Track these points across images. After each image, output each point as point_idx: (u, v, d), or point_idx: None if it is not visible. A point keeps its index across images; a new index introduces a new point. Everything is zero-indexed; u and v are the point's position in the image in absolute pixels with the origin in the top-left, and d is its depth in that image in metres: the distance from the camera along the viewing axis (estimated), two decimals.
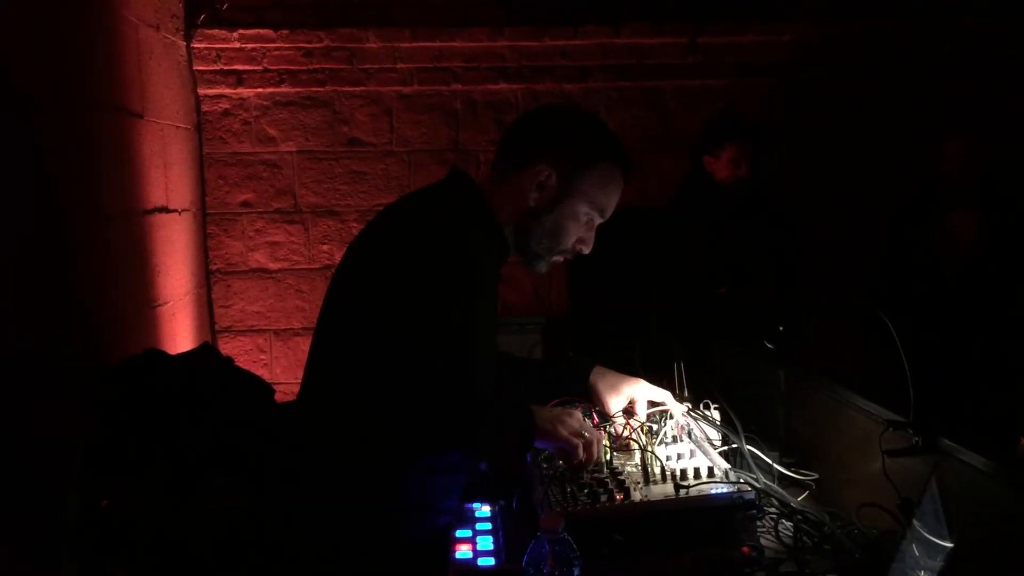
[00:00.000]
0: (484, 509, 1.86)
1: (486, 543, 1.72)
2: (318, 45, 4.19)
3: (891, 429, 1.70)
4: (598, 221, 1.90)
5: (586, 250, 1.92)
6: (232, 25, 4.12)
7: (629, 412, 2.05)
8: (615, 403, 2.06)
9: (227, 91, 4.24)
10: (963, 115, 4.06)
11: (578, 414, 1.83)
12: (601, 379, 2.10)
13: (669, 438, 1.92)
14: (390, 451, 1.72)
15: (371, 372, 1.69)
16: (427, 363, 1.67)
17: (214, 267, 4.33)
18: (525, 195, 1.84)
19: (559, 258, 1.92)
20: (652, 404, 2.06)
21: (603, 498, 1.66)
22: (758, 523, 1.71)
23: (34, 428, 2.35)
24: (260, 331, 4.38)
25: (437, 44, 4.23)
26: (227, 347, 4.30)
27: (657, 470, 1.77)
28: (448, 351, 1.68)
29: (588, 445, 1.75)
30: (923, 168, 3.76)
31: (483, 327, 1.81)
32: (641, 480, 1.74)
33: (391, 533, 1.78)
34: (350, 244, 1.88)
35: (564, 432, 1.73)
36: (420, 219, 1.81)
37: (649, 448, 1.84)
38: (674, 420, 1.97)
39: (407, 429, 1.69)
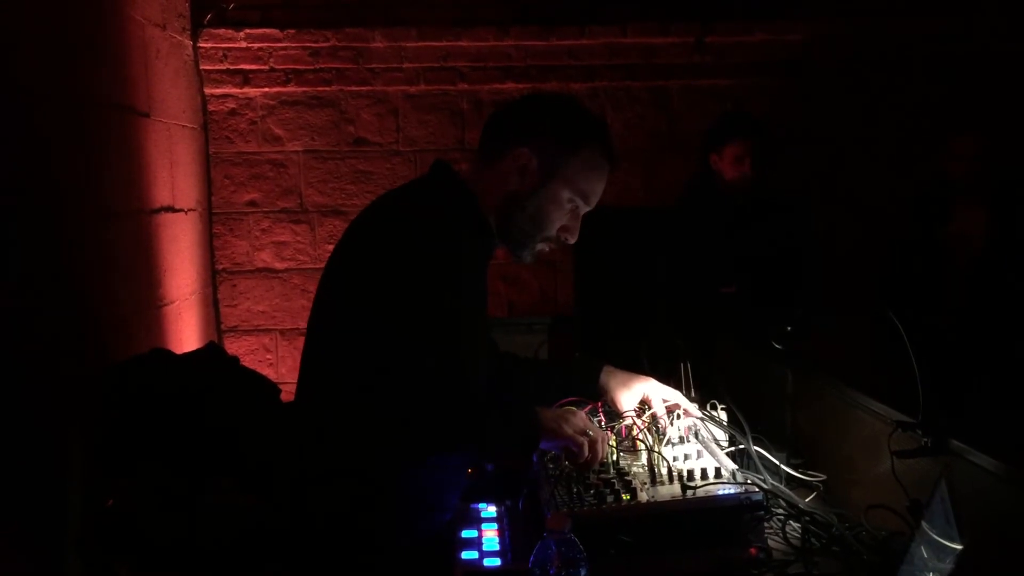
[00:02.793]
0: (490, 509, 1.86)
1: (492, 543, 1.71)
2: (324, 45, 4.19)
3: (900, 430, 1.69)
4: (584, 209, 1.88)
5: (572, 239, 1.89)
6: (238, 25, 4.12)
7: (643, 408, 2.04)
8: (628, 401, 2.05)
9: (233, 90, 4.25)
10: (972, 114, 4.04)
11: (582, 413, 1.82)
12: (612, 378, 2.09)
13: (676, 439, 1.92)
14: (387, 452, 1.72)
15: (363, 374, 1.69)
16: (418, 362, 1.66)
17: (220, 267, 4.33)
18: (507, 180, 1.82)
19: (544, 246, 1.89)
20: (664, 402, 2.05)
21: (610, 499, 1.65)
22: (765, 524, 1.70)
23: (39, 427, 2.35)
24: (266, 331, 4.38)
25: (443, 44, 4.22)
26: (233, 346, 4.30)
27: (664, 471, 1.76)
28: (438, 348, 1.67)
29: (593, 443, 1.74)
30: (931, 167, 3.74)
31: (472, 321, 1.79)
32: (648, 481, 1.74)
33: (394, 532, 1.77)
34: (339, 241, 1.88)
35: (569, 431, 1.73)
36: (404, 215, 1.81)
37: (656, 449, 1.83)
38: (682, 420, 1.96)
39: (401, 431, 1.68)
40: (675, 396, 2.04)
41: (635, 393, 2.05)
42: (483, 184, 1.85)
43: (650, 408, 2.02)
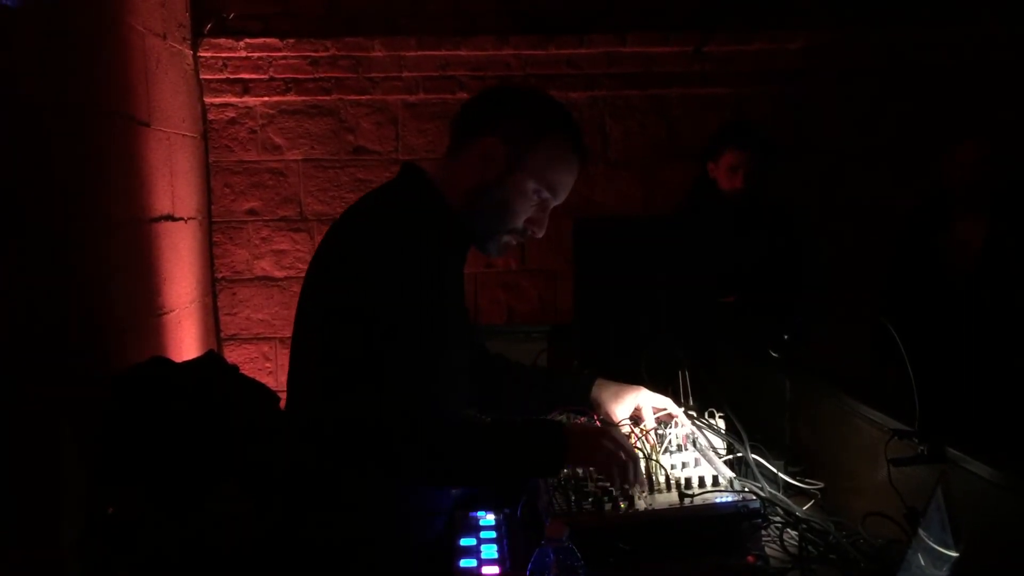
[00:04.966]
0: (489, 517, 1.86)
1: (490, 552, 1.71)
2: (324, 54, 4.20)
3: (896, 438, 1.69)
4: (551, 202, 1.86)
5: (539, 233, 1.87)
6: (238, 34, 4.14)
7: (636, 420, 2.05)
8: (620, 412, 2.06)
9: (233, 100, 4.26)
10: (971, 123, 4.05)
11: (617, 432, 1.78)
12: (604, 390, 2.10)
13: (674, 446, 1.92)
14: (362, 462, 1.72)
15: (326, 385, 1.68)
16: (368, 366, 1.64)
17: (220, 275, 4.33)
18: (473, 170, 1.80)
19: (510, 239, 1.87)
20: (656, 410, 2.06)
21: (608, 506, 1.65)
22: (763, 532, 1.71)
23: (39, 435, 2.36)
24: (266, 339, 4.38)
25: (442, 53, 4.24)
26: (232, 355, 4.30)
27: (662, 478, 1.77)
28: (396, 357, 1.65)
29: (624, 470, 1.70)
30: (930, 174, 3.75)
31: (426, 322, 1.73)
32: (646, 488, 1.74)
33: (387, 536, 1.78)
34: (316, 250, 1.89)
35: (600, 458, 1.70)
36: (361, 220, 1.81)
37: (654, 456, 1.83)
38: (679, 428, 1.97)
39: (363, 444, 1.66)
40: (667, 404, 2.05)
41: (627, 404, 2.06)
42: (450, 179, 1.84)
43: (641, 419, 2.03)
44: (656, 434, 1.94)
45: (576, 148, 1.85)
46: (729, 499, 1.66)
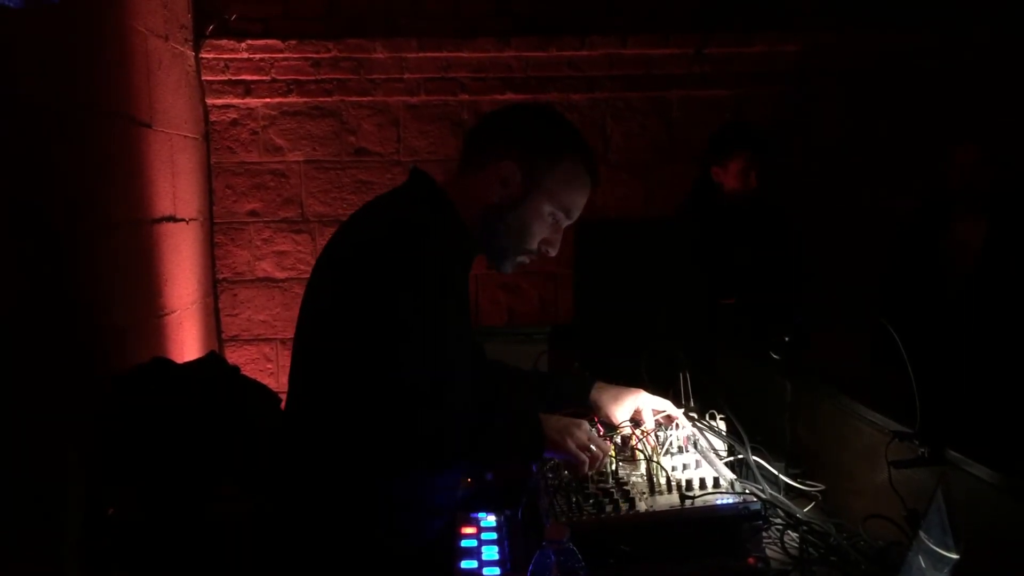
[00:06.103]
0: (490, 519, 1.86)
1: (491, 553, 1.72)
2: (325, 55, 4.20)
3: (897, 440, 1.70)
4: (565, 223, 1.88)
5: (552, 252, 1.89)
6: (240, 35, 4.14)
7: (636, 422, 2.05)
8: (621, 414, 2.06)
9: (235, 101, 4.26)
10: (970, 125, 4.05)
11: (586, 425, 1.83)
12: (603, 394, 2.10)
13: (675, 448, 1.92)
14: (365, 461, 1.72)
15: (332, 384, 1.69)
16: (384, 371, 1.64)
17: (221, 276, 4.34)
18: (489, 192, 1.81)
19: (525, 259, 1.89)
20: (655, 412, 2.06)
21: (608, 508, 1.66)
22: (764, 534, 1.70)
23: (41, 436, 2.36)
24: (267, 340, 4.39)
25: (444, 54, 4.24)
26: (234, 356, 4.30)
27: (663, 480, 1.77)
28: (405, 356, 1.65)
29: (595, 459, 1.77)
30: (930, 176, 3.75)
31: (444, 325, 1.75)
32: (646, 490, 1.74)
33: (388, 537, 1.78)
34: (321, 251, 1.89)
35: (572, 446, 1.75)
36: (374, 225, 1.80)
37: (655, 458, 1.84)
38: (680, 430, 1.97)
39: (370, 442, 1.67)
40: (666, 406, 2.05)
41: (627, 407, 2.06)
42: (463, 193, 1.84)
43: (641, 421, 2.03)
44: (656, 436, 1.94)
45: (589, 170, 1.86)
46: (730, 501, 1.66)
